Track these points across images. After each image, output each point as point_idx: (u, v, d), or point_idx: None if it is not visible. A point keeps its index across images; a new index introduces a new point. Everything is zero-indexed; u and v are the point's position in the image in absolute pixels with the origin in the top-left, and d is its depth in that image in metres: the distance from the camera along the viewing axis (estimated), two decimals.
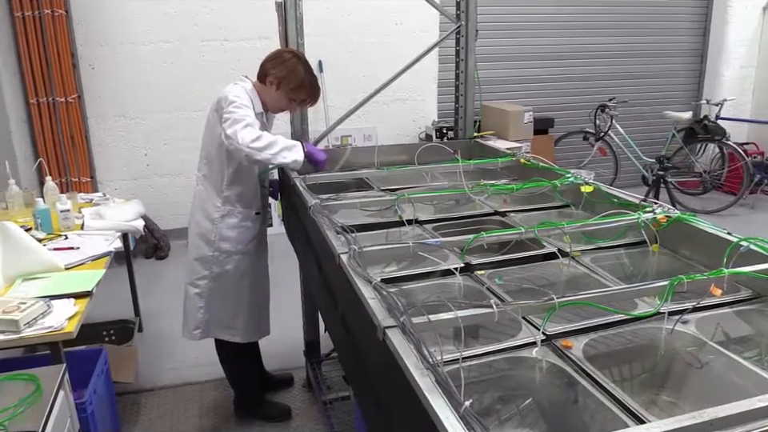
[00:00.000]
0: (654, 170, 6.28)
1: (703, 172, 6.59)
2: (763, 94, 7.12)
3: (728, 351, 1.41)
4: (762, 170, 6.47)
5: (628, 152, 6.51)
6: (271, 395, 3.31)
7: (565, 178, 2.37)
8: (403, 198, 2.22)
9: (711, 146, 6.67)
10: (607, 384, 1.26)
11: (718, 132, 6.37)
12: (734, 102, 6.84)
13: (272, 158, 2.51)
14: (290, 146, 2.56)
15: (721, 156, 6.63)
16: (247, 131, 2.45)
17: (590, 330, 1.46)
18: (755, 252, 1.65)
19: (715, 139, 6.39)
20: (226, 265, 2.82)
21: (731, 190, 6.52)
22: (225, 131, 2.46)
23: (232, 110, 2.48)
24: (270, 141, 2.49)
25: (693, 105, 7.13)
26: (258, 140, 2.46)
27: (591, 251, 1.96)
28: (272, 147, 2.49)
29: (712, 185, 6.66)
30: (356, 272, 1.55)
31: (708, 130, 6.37)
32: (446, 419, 1.00)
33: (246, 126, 2.45)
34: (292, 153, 2.55)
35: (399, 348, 1.21)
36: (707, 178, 6.61)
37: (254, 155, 2.47)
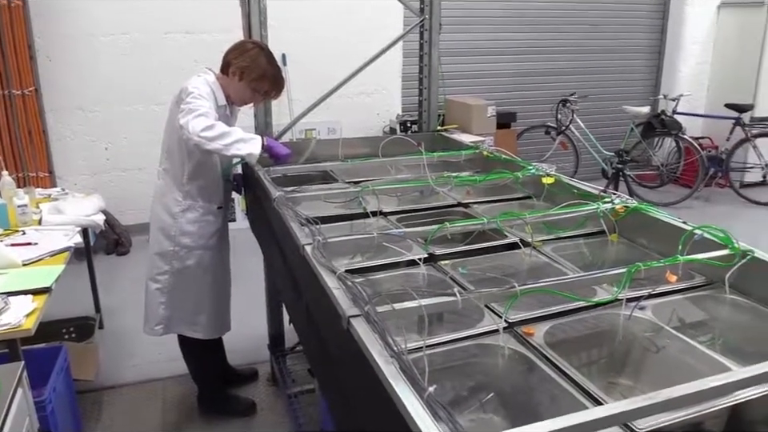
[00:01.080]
0: (613, 163, 6.41)
1: (660, 165, 6.76)
2: (717, 90, 7.32)
3: (683, 336, 1.46)
4: (715, 164, 6.66)
5: (588, 146, 6.64)
6: (235, 390, 3.29)
7: (527, 169, 2.41)
8: (367, 189, 2.23)
9: (668, 140, 6.83)
10: (568, 369, 1.29)
11: (674, 126, 6.53)
12: (690, 98, 7.02)
13: (223, 149, 2.45)
14: (246, 138, 2.50)
15: (677, 150, 6.80)
16: (199, 120, 2.39)
17: (550, 318, 1.49)
18: (708, 240, 1.71)
19: (672, 133, 6.55)
20: (187, 260, 2.78)
21: (687, 183, 6.70)
22: (178, 121, 2.42)
23: (189, 100, 2.44)
24: (222, 131, 2.43)
25: (651, 100, 7.29)
26: (209, 129, 2.39)
27: (552, 241, 2.00)
28: (224, 138, 2.43)
29: (669, 178, 6.84)
30: (320, 263, 1.55)
31: (665, 125, 6.52)
32: (410, 405, 1.01)
33: (198, 115, 2.40)
34: (248, 145, 2.48)
35: (364, 337, 1.22)
36: (664, 171, 6.78)
37: (203, 144, 2.41)
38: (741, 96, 6.81)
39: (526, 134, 6.70)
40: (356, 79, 3.07)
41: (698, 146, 6.42)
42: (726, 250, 1.64)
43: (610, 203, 2.02)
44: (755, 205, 6.47)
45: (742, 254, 1.61)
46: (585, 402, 1.17)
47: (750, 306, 1.59)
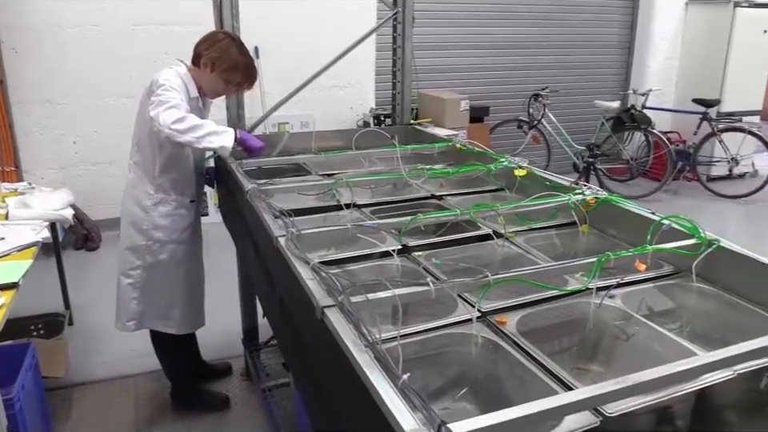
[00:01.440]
0: (584, 157, 6.50)
1: (630, 159, 6.87)
2: (685, 85, 7.45)
3: (652, 323, 1.49)
4: (683, 158, 6.79)
5: (560, 140, 6.72)
6: (209, 385, 3.27)
7: (499, 162, 2.43)
8: (341, 182, 2.22)
9: (638, 134, 6.95)
10: (540, 356, 1.30)
11: (643, 121, 6.64)
12: (659, 93, 7.14)
13: (195, 142, 2.42)
14: (218, 131, 2.46)
15: (646, 144, 6.92)
16: (170, 112, 2.36)
17: (523, 307, 1.51)
18: (676, 230, 1.74)
19: (641, 128, 6.66)
20: (159, 254, 2.75)
21: (656, 177, 6.82)
22: (149, 113, 2.39)
23: (160, 92, 2.40)
24: (194, 124, 2.39)
25: (621, 95, 7.40)
26: (180, 122, 2.36)
27: (524, 232, 2.02)
28: (196, 130, 2.39)
29: (638, 171, 6.95)
30: (294, 254, 1.55)
31: (635, 119, 6.63)
32: (384, 393, 1.02)
33: (169, 107, 2.36)
34: (220, 138, 2.45)
35: (338, 326, 1.22)
36: (634, 164, 6.89)
37: (174, 137, 2.38)
38: (708, 91, 6.94)
39: (498, 129, 6.75)
40: (329, 73, 3.06)
41: (667, 140, 6.53)
42: (693, 240, 1.67)
43: (580, 195, 2.04)
44: (721, 198, 6.61)
45: (708, 243, 1.64)
46: (556, 389, 1.18)
47: (716, 293, 1.62)
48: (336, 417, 1.42)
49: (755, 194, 6.51)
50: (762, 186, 6.51)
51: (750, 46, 6.98)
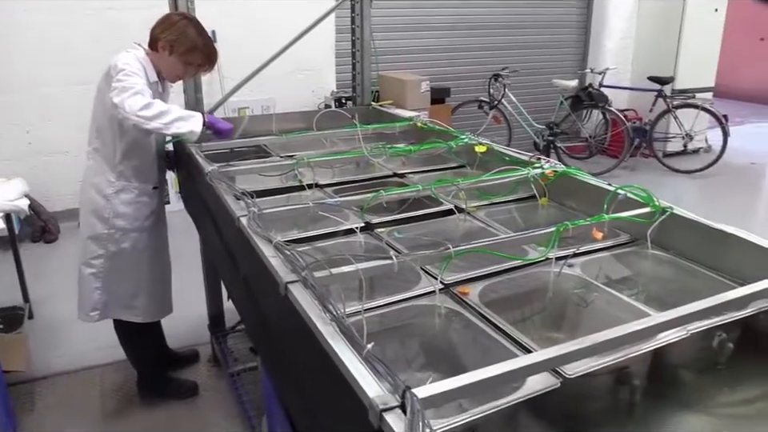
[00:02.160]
0: (545, 135, 6.59)
1: (589, 137, 6.99)
2: (641, 63, 7.59)
3: (610, 289, 1.53)
4: (640, 134, 6.93)
5: (520, 119, 6.79)
6: (177, 373, 3.24)
7: (460, 139, 2.45)
8: (302, 162, 2.22)
9: (596, 112, 7.06)
10: (502, 324, 1.33)
11: (601, 99, 6.75)
12: (615, 71, 7.26)
13: (163, 128, 2.38)
14: (185, 116, 2.43)
15: (604, 122, 7.04)
16: (135, 99, 2.31)
17: (484, 278, 1.54)
18: (631, 200, 1.79)
19: (599, 106, 6.77)
20: (122, 243, 2.70)
21: (614, 154, 6.94)
22: (112, 99, 2.33)
23: (121, 77, 2.35)
24: (161, 110, 2.36)
25: (578, 74, 7.49)
26: (146, 108, 2.32)
27: (485, 207, 2.05)
28: (163, 116, 2.36)
29: (597, 149, 7.08)
30: (256, 233, 1.55)
31: (592, 97, 6.73)
32: (349, 362, 1.03)
33: (134, 93, 2.32)
34: (188, 123, 2.41)
35: (302, 301, 1.23)
36: (593, 142, 7.01)
37: (142, 124, 2.34)
38: (662, 69, 7.08)
39: (460, 109, 6.78)
40: (289, 56, 3.03)
41: (624, 118, 6.66)
42: (648, 208, 1.72)
43: (539, 168, 2.08)
44: (677, 173, 6.78)
45: (662, 211, 1.69)
46: (519, 354, 1.21)
47: (671, 259, 1.68)
48: (304, 392, 1.43)
49: (709, 169, 6.69)
50: (715, 161, 6.69)
51: (702, 25, 7.14)
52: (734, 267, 1.54)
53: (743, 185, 6.67)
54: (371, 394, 0.93)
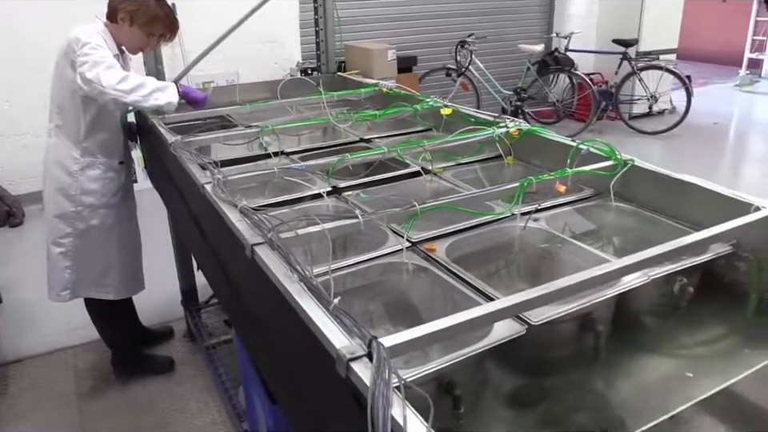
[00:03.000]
0: (512, 101, 6.61)
1: (556, 101, 7.03)
2: (605, 26, 7.61)
3: (575, 241, 1.56)
4: (606, 97, 6.99)
5: (488, 86, 6.79)
6: (151, 349, 3.23)
7: (425, 102, 2.45)
8: (267, 129, 2.19)
9: (562, 76, 7.09)
10: (468, 277, 1.35)
11: (567, 63, 6.78)
12: (581, 35, 7.27)
13: (142, 101, 2.33)
14: (161, 87, 2.38)
15: (571, 86, 7.08)
16: (111, 73, 2.26)
17: (451, 235, 1.55)
18: (595, 154, 1.81)
19: (565, 69, 6.80)
20: (91, 220, 2.66)
21: (581, 118, 7.00)
22: (84, 75, 2.27)
23: (88, 51, 2.28)
24: (138, 82, 2.31)
25: (544, 38, 7.51)
26: (123, 81, 2.26)
27: (452, 167, 2.06)
28: (141, 89, 2.31)
29: (564, 113, 7.13)
30: (221, 198, 1.53)
31: (558, 62, 6.76)
32: (316, 317, 1.03)
33: (108, 67, 2.26)
34: (165, 94, 2.37)
35: (268, 262, 1.23)
36: (560, 106, 7.06)
37: (121, 98, 2.29)
38: (627, 32, 7.12)
39: (427, 78, 6.76)
40: (253, 28, 2.97)
41: (590, 81, 6.70)
42: (610, 161, 1.74)
43: (504, 127, 2.09)
44: (643, 134, 6.87)
45: (624, 164, 1.72)
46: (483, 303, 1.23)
47: (633, 210, 1.71)
48: (276, 355, 1.44)
49: (673, 129, 6.79)
50: (679, 122, 6.79)
51: None
52: (694, 215, 1.58)
53: (707, 144, 6.79)
54: (338, 345, 0.94)
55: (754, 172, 6.24)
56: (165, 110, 2.42)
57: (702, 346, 1.37)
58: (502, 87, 6.85)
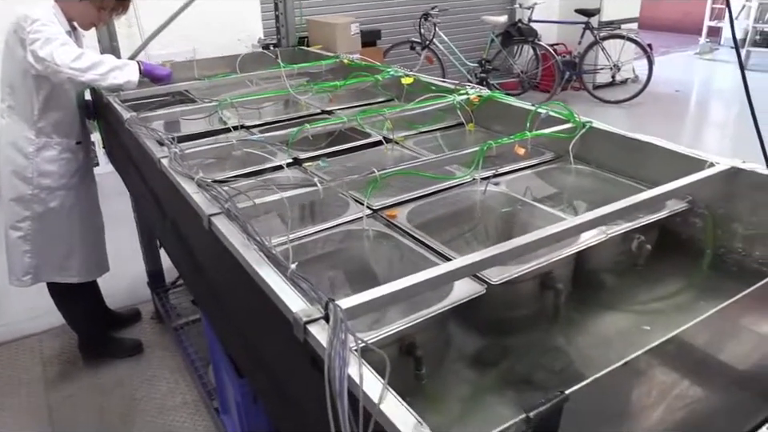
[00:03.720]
0: (477, 73, 6.60)
1: (521, 72, 7.05)
2: None
3: (536, 203, 1.57)
4: (570, 68, 7.03)
5: (452, 59, 6.77)
6: (119, 332, 3.19)
7: (386, 72, 2.43)
8: (226, 103, 2.15)
9: (526, 47, 7.10)
10: (429, 241, 1.35)
11: (530, 33, 6.79)
12: (544, 6, 7.26)
13: (100, 80, 2.27)
14: (120, 65, 2.33)
15: (535, 57, 7.09)
16: (65, 50, 2.19)
17: (412, 201, 1.55)
18: (554, 118, 1.82)
19: (529, 40, 6.81)
20: (49, 202, 2.59)
21: (546, 88, 7.04)
22: (36, 53, 2.19)
23: (39, 28, 2.20)
24: (94, 60, 2.25)
25: (508, 9, 7.49)
26: (79, 59, 2.20)
27: (414, 136, 2.05)
28: (98, 67, 2.25)
29: (529, 84, 7.15)
30: (177, 171, 1.51)
31: (522, 32, 6.76)
32: (273, 283, 1.02)
33: (61, 44, 2.19)
34: (124, 72, 2.32)
35: (225, 232, 1.21)
36: (524, 78, 7.08)
37: (77, 77, 2.22)
38: (589, 1, 7.14)
39: (392, 52, 6.71)
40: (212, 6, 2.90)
41: (554, 52, 6.73)
42: (569, 124, 1.75)
43: (465, 94, 2.08)
44: (606, 104, 6.93)
45: (582, 125, 1.73)
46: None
47: (592, 172, 1.73)
48: (238, 326, 1.43)
49: (636, 98, 6.87)
50: (641, 90, 6.87)
51: None
52: (652, 174, 1.60)
53: (669, 111, 6.89)
54: (295, 309, 0.93)
55: (714, 136, 6.37)
56: (125, 88, 2.37)
57: (659, 301, 1.39)
58: (467, 59, 6.84)
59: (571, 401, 0.78)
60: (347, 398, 0.76)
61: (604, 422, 0.91)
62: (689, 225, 1.54)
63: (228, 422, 2.28)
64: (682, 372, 0.99)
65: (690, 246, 1.54)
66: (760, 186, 1.43)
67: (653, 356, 0.88)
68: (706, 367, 1.04)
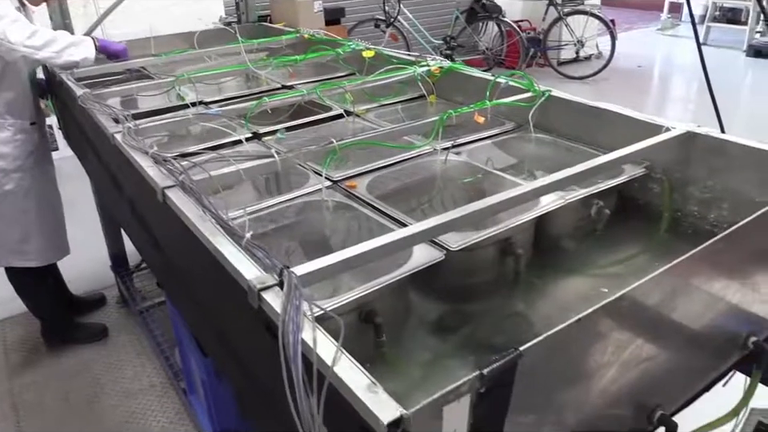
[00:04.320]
0: (442, 50, 6.58)
1: (486, 49, 7.05)
2: None
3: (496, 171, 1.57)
4: (535, 44, 7.05)
5: (417, 36, 6.74)
6: (84, 318, 3.13)
7: (347, 45, 2.40)
8: (183, 78, 2.11)
9: (491, 24, 7.10)
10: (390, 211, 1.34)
11: (495, 10, 6.78)
12: None
13: (55, 57, 2.20)
14: (76, 41, 2.26)
15: (500, 34, 7.10)
16: (18, 27, 2.11)
17: (372, 172, 1.53)
18: (514, 88, 1.82)
19: (493, 17, 6.81)
20: (4, 185, 2.51)
21: (511, 65, 7.04)
22: None
23: None
24: (50, 37, 2.18)
25: None
26: (33, 36, 2.13)
27: (375, 109, 2.03)
28: (54, 44, 2.18)
29: (495, 61, 7.16)
30: (131, 146, 1.47)
31: (486, 9, 6.75)
32: (228, 253, 1.01)
33: (13, 21, 2.11)
34: (80, 49, 2.26)
35: (179, 204, 1.19)
36: (489, 54, 7.09)
37: (32, 55, 2.15)
38: None
39: (356, 29, 6.64)
40: None
41: (518, 28, 6.73)
42: (529, 93, 1.76)
43: (426, 66, 2.07)
44: (571, 79, 6.98)
45: (542, 94, 1.73)
46: None
47: (552, 140, 1.74)
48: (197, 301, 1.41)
49: (600, 74, 6.92)
50: (605, 66, 6.92)
51: None
52: (611, 141, 1.60)
53: (632, 86, 6.97)
54: (249, 276, 0.92)
55: (676, 109, 6.47)
56: (81, 66, 2.30)
57: (617, 264, 1.41)
58: (432, 36, 6.81)
59: (526, 357, 0.79)
60: (301, 362, 0.75)
61: (560, 379, 0.92)
62: (646, 190, 1.56)
63: (195, 403, 2.27)
64: (635, 330, 1.00)
65: (648, 210, 1.56)
66: (715, 149, 1.46)
67: (605, 313, 0.89)
68: (660, 326, 1.06)
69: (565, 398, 0.96)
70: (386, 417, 0.66)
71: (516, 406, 0.82)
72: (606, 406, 1.04)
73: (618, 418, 1.09)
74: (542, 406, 0.92)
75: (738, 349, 1.31)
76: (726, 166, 1.44)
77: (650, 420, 1.13)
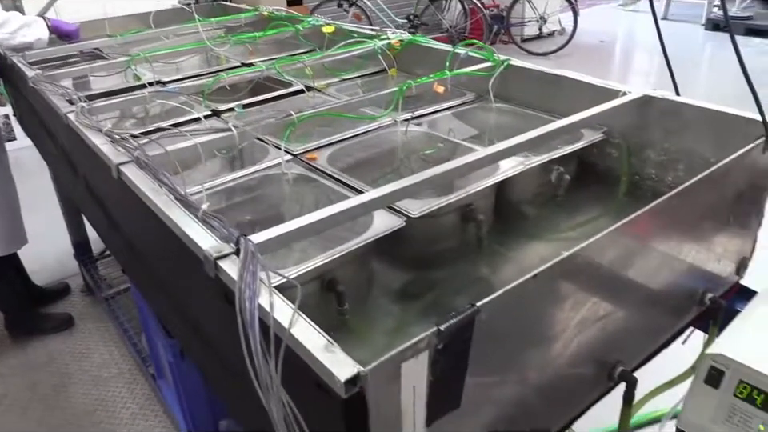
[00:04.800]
0: (406, 29, 6.53)
1: (450, 27, 7.04)
2: None
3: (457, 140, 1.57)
4: (498, 21, 7.06)
5: (381, 15, 6.69)
6: (49, 308, 3.08)
7: (306, 21, 2.37)
8: (138, 58, 2.06)
9: (454, 2, 7.08)
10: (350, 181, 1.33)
11: None
12: None
13: (9, 39, 2.16)
14: (29, 21, 2.22)
15: (463, 11, 7.09)
16: None
17: (333, 144, 1.52)
18: (474, 58, 1.82)
19: None
20: None
21: None
22: None
23: None
24: (1, 19, 2.13)
25: None
26: None
27: (336, 83, 2.01)
28: (6, 25, 2.14)
29: (459, 39, 7.14)
30: (85, 125, 1.43)
31: None
32: (184, 224, 0.99)
33: None
34: (33, 29, 2.21)
35: (134, 179, 1.17)
36: (453, 32, 7.07)
37: None
38: None
39: (319, 10, 6.56)
40: None
41: (481, 6, 6.73)
42: (488, 63, 1.76)
43: (386, 39, 2.05)
44: (535, 56, 7.01)
45: (501, 63, 1.73)
46: None
47: (512, 109, 1.74)
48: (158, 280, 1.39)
49: (563, 49, 6.96)
50: (568, 42, 6.97)
51: None
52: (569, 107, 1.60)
53: (594, 61, 7.03)
54: (205, 246, 0.91)
55: (637, 81, 6.53)
56: (35, 47, 2.24)
57: (578, 228, 1.43)
58: (395, 15, 6.77)
59: (483, 313, 0.79)
60: (258, 326, 0.75)
61: (519, 337, 0.93)
62: (605, 155, 1.58)
63: (164, 386, 2.25)
64: (592, 287, 1.02)
65: (607, 175, 1.58)
66: (670, 111, 1.48)
67: (561, 269, 0.90)
68: (616, 283, 1.07)
69: (525, 356, 0.97)
70: (342, 374, 0.66)
71: (476, 364, 0.83)
72: (567, 364, 1.05)
73: (580, 375, 1.11)
74: (503, 364, 0.93)
75: (695, 305, 1.34)
76: (682, 128, 1.46)
77: (611, 377, 1.15)
